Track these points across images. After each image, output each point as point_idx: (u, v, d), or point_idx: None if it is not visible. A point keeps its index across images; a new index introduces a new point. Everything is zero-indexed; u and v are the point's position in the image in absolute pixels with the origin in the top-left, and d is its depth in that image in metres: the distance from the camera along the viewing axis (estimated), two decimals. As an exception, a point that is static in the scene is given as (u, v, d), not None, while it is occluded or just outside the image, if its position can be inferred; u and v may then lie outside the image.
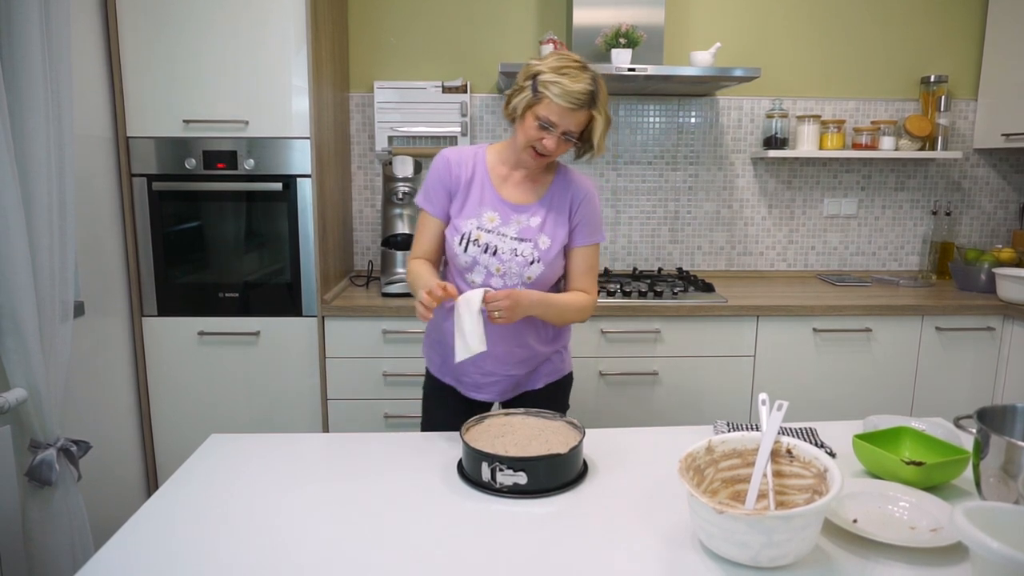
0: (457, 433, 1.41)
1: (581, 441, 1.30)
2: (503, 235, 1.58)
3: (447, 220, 1.62)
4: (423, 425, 1.79)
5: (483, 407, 1.71)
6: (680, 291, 2.59)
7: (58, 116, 1.70)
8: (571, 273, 1.66)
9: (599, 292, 2.53)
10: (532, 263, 1.58)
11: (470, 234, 1.58)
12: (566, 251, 1.64)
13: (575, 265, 1.65)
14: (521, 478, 1.22)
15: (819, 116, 2.93)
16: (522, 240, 1.58)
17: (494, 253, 1.57)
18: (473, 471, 1.27)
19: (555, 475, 1.25)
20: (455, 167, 1.60)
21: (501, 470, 1.22)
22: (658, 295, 2.56)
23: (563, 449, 1.27)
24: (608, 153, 3.03)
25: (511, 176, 1.62)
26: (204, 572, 1.00)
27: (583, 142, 1.56)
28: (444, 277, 1.69)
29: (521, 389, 1.72)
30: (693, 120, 3.03)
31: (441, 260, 1.70)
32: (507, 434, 1.36)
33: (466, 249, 1.57)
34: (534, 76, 1.48)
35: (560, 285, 1.70)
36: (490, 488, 1.24)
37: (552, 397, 1.73)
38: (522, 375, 1.69)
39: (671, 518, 1.15)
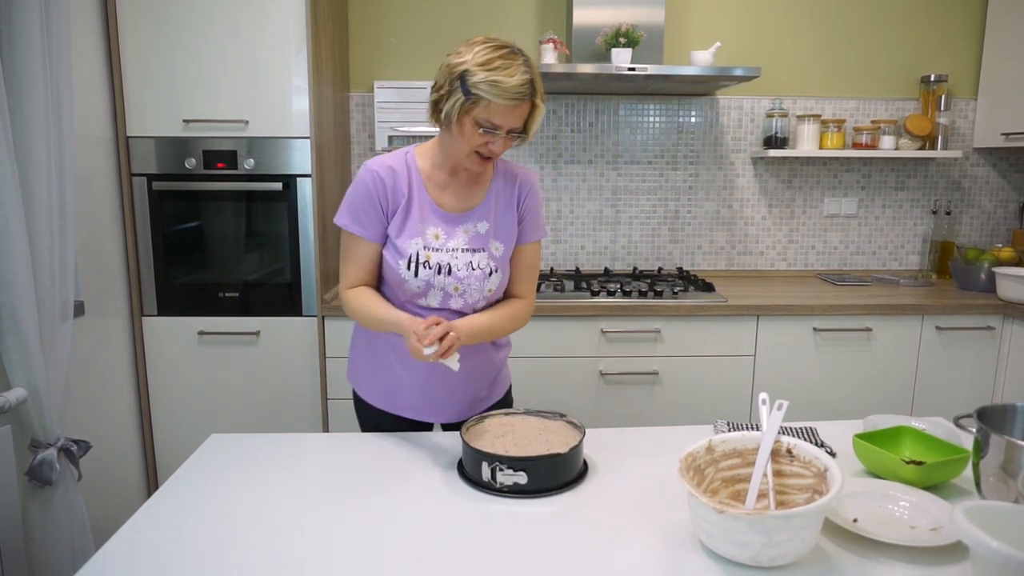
0: (458, 433, 1.41)
1: (581, 441, 1.30)
2: (453, 250, 1.44)
3: (383, 242, 1.45)
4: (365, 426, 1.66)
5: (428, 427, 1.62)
6: (680, 291, 2.59)
7: (58, 116, 1.70)
8: (512, 273, 1.53)
9: (600, 293, 2.54)
10: (491, 274, 1.47)
11: (417, 256, 1.42)
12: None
13: (516, 265, 1.53)
14: (521, 478, 1.22)
15: (819, 115, 2.93)
16: (474, 251, 1.46)
17: (448, 272, 1.44)
18: (473, 471, 1.27)
19: (555, 475, 1.25)
20: (388, 182, 1.42)
21: (501, 470, 1.22)
22: (658, 295, 2.56)
23: (563, 449, 1.27)
24: (608, 153, 3.03)
25: (449, 183, 1.48)
26: (204, 571, 1.00)
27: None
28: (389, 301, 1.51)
29: (481, 406, 1.60)
30: (693, 120, 3.03)
31: (377, 286, 1.53)
32: (507, 434, 1.36)
33: (416, 273, 1.43)
34: (461, 77, 1.31)
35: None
36: (490, 488, 1.24)
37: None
38: (483, 388, 1.59)
39: (671, 518, 1.15)
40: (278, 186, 2.39)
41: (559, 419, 1.42)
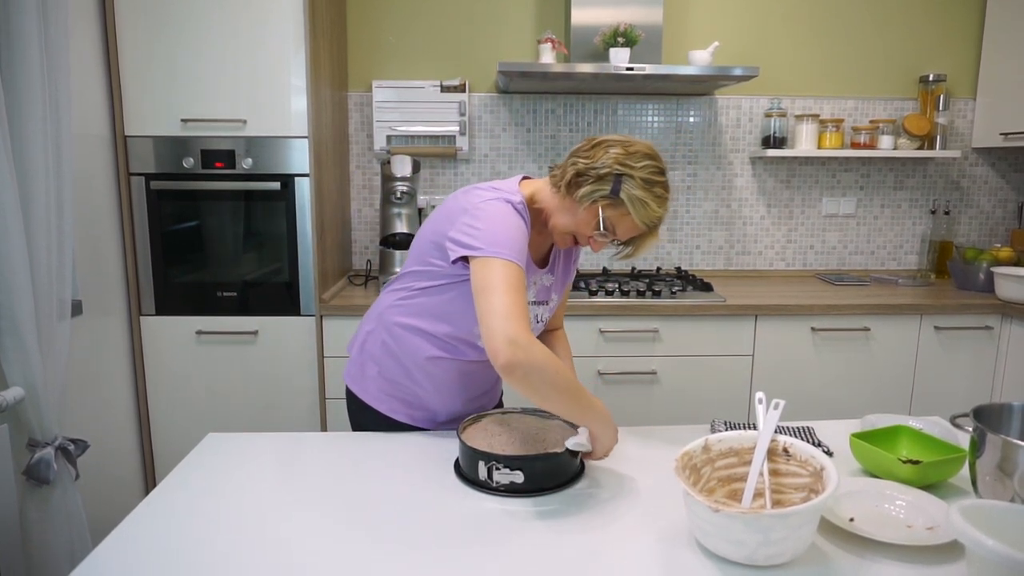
0: (454, 432, 1.41)
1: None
2: (528, 301, 1.41)
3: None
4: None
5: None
6: (679, 290, 2.59)
7: (56, 115, 1.70)
8: (558, 312, 1.61)
9: (598, 292, 2.54)
10: (542, 322, 1.51)
11: None
12: None
13: (563, 299, 1.60)
14: (518, 477, 1.22)
15: (818, 115, 2.93)
16: (539, 303, 1.48)
17: None
18: (470, 470, 1.27)
19: (552, 474, 1.25)
20: (527, 225, 1.35)
21: (498, 469, 1.22)
22: (656, 294, 2.56)
23: (560, 448, 1.27)
24: (607, 152, 3.03)
25: (536, 237, 1.44)
26: (201, 570, 1.00)
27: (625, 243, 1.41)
28: (411, 336, 1.46)
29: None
30: (692, 119, 3.03)
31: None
32: (504, 433, 1.36)
33: None
34: (619, 177, 1.27)
35: None
36: (487, 487, 1.24)
37: None
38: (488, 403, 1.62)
39: (667, 517, 1.15)
40: (276, 186, 2.39)
41: (556, 418, 1.42)
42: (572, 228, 1.35)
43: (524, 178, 1.46)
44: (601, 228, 1.32)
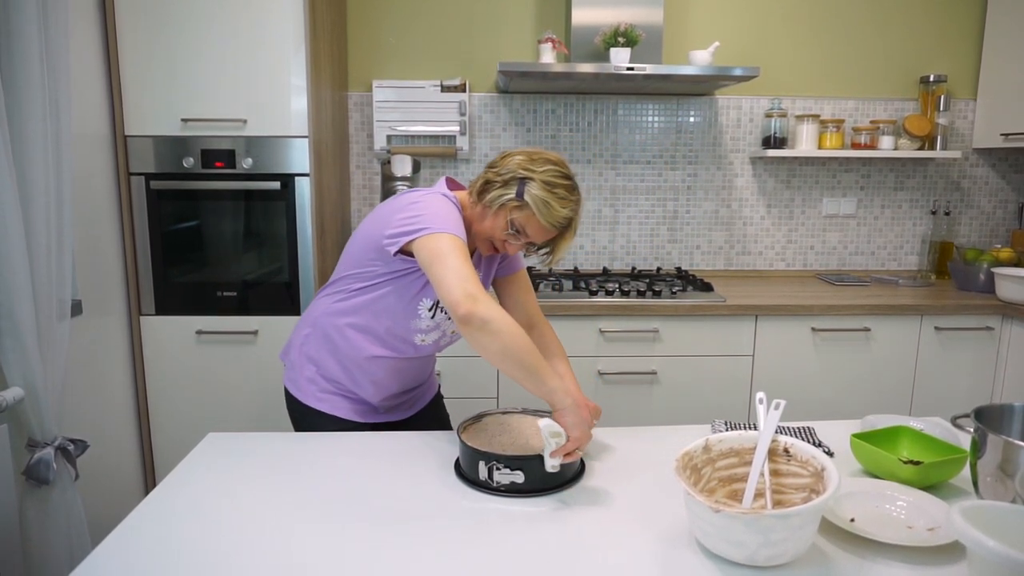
0: (454, 432, 1.41)
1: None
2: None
3: (401, 274, 1.44)
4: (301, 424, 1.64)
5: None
6: (679, 290, 2.59)
7: (56, 115, 1.70)
8: (517, 300, 1.60)
9: (598, 292, 2.54)
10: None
11: (439, 302, 1.46)
12: (502, 279, 1.61)
13: (518, 290, 1.61)
14: (518, 477, 1.22)
15: (818, 115, 2.93)
16: None
17: (449, 317, 1.49)
18: (470, 470, 1.26)
19: (553, 474, 1.25)
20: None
21: (498, 469, 1.22)
22: (657, 294, 2.56)
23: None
24: (607, 152, 3.03)
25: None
26: (201, 570, 1.00)
27: (542, 247, 1.48)
28: (351, 331, 1.51)
29: (416, 407, 1.71)
30: (692, 119, 3.03)
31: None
32: (504, 433, 1.36)
33: (434, 315, 1.47)
34: (523, 181, 1.36)
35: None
36: (487, 487, 1.24)
37: (437, 411, 1.78)
38: (416, 392, 1.70)
39: (668, 517, 1.15)
40: (276, 185, 2.39)
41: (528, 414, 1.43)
42: (488, 233, 1.43)
43: (448, 179, 1.53)
44: (510, 229, 1.39)
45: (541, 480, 1.23)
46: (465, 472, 1.29)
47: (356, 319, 1.49)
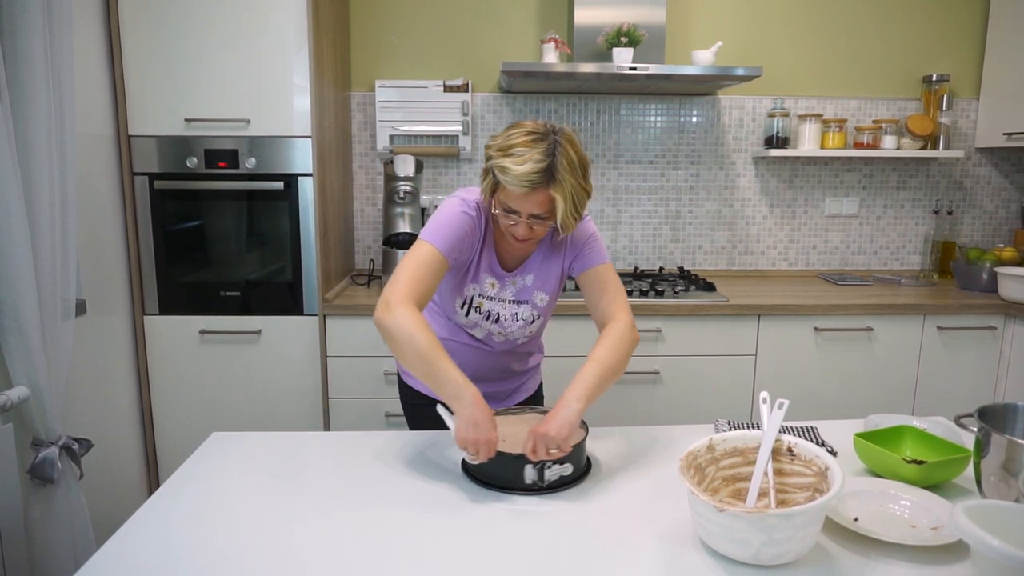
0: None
1: (584, 439, 1.31)
2: (502, 300, 1.50)
3: (450, 267, 1.42)
4: (414, 424, 1.71)
5: None
6: (681, 290, 2.59)
7: (60, 115, 1.71)
8: (592, 302, 1.50)
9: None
10: (533, 322, 1.54)
11: (472, 300, 1.49)
12: (577, 280, 1.52)
13: (595, 289, 1.48)
14: (567, 469, 1.25)
15: (820, 115, 2.93)
16: (520, 303, 1.51)
17: (496, 320, 1.51)
18: (514, 476, 1.24)
19: (555, 474, 1.26)
20: (475, 230, 1.43)
21: (549, 467, 1.23)
22: (659, 294, 2.56)
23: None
24: (609, 152, 3.03)
25: (502, 241, 1.48)
26: (205, 570, 1.00)
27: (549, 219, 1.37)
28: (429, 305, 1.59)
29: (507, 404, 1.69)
30: (694, 119, 3.03)
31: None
32: (505, 435, 1.36)
33: (468, 314, 1.50)
34: (488, 160, 1.34)
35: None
36: (534, 488, 1.24)
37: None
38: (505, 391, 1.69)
39: (672, 516, 1.15)
40: (279, 185, 2.39)
41: (535, 411, 1.46)
42: (501, 226, 1.41)
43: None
44: (500, 210, 1.36)
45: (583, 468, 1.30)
46: (499, 481, 1.25)
47: (435, 299, 1.59)
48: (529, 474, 1.23)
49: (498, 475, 1.25)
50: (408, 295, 1.30)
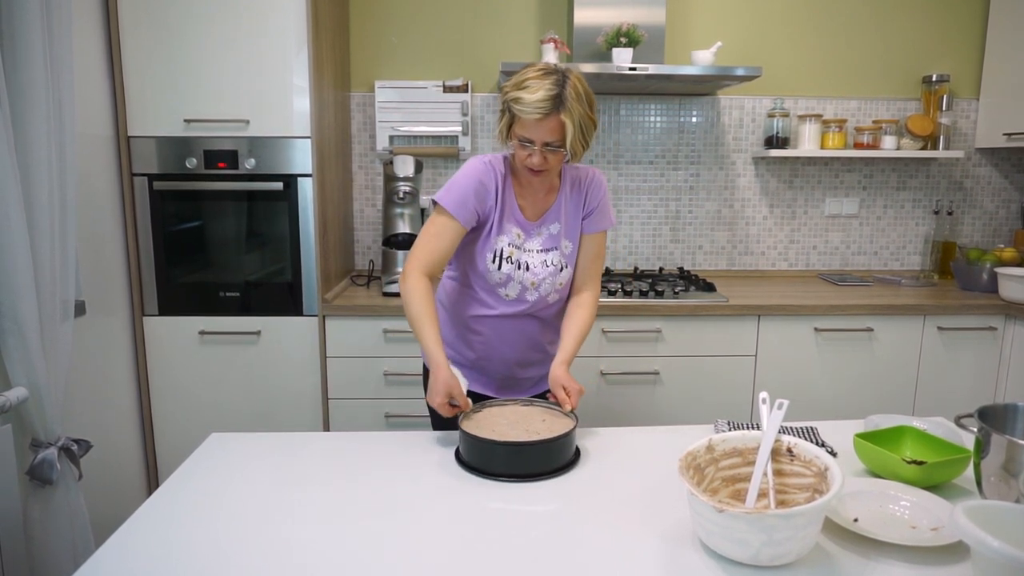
0: (456, 432, 1.41)
1: (574, 429, 1.36)
2: (530, 250, 1.60)
3: (470, 230, 1.56)
4: (436, 424, 1.72)
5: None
6: (681, 290, 2.59)
7: (59, 115, 1.71)
8: (582, 264, 1.66)
9: (601, 292, 2.54)
10: (561, 270, 1.61)
11: (502, 251, 1.57)
12: (581, 238, 1.66)
13: (584, 253, 1.65)
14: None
15: (820, 115, 2.93)
16: (548, 250, 1.61)
17: (527, 268, 1.58)
18: (492, 461, 1.31)
19: (549, 459, 1.32)
20: (491, 179, 1.55)
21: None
22: (659, 294, 2.56)
23: (552, 433, 1.33)
24: (609, 152, 3.03)
25: (526, 191, 1.61)
26: (204, 570, 1.00)
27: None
28: (454, 285, 1.68)
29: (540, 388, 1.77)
30: (694, 119, 3.03)
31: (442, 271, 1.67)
32: (504, 424, 1.38)
33: (500, 267, 1.57)
34: (505, 101, 1.48)
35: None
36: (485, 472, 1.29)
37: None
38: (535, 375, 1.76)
39: (671, 517, 1.15)
40: (279, 186, 2.39)
41: (535, 405, 1.50)
42: (518, 163, 1.52)
43: None
44: (516, 141, 1.48)
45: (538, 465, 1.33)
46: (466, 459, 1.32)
47: (453, 272, 1.68)
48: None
49: (482, 463, 1.32)
50: (417, 266, 1.51)
